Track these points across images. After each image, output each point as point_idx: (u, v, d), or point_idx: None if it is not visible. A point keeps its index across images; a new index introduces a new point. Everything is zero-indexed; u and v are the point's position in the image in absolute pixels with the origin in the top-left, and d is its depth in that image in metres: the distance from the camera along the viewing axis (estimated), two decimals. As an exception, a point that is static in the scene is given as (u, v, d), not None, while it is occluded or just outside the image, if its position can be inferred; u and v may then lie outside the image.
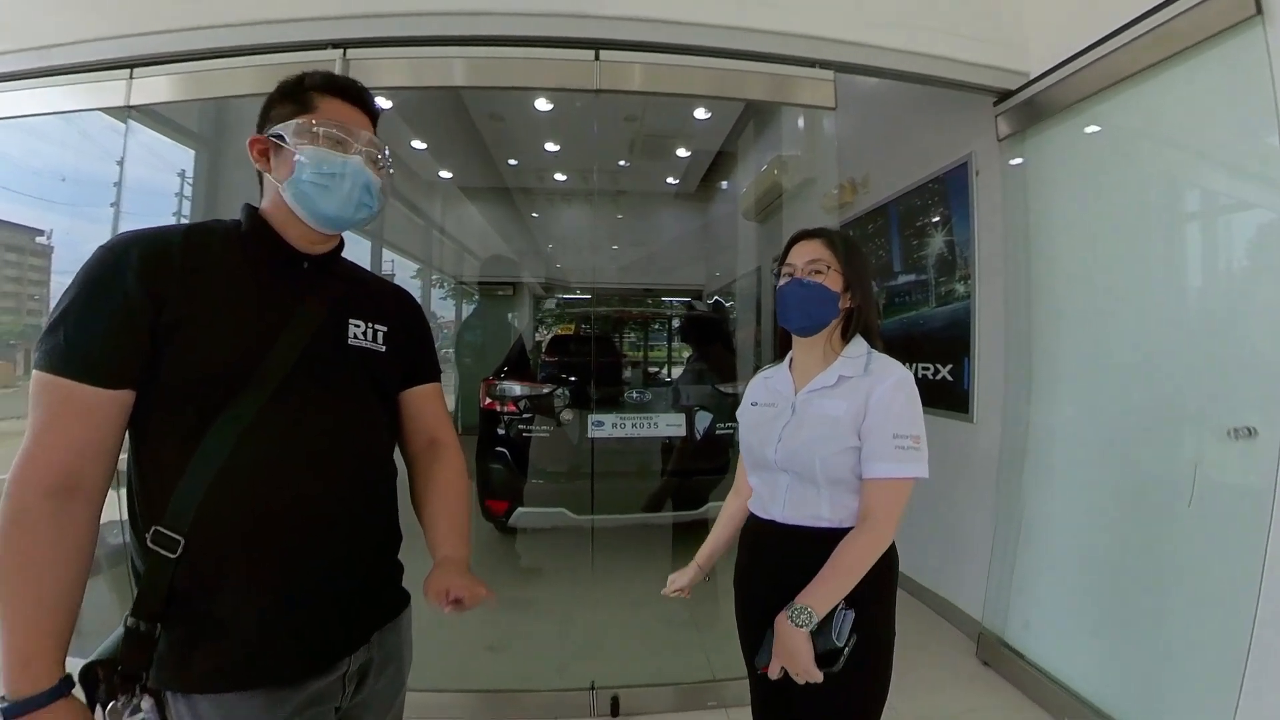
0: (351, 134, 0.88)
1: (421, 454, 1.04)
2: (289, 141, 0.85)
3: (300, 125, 0.86)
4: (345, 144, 0.88)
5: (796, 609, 1.01)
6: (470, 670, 2.25)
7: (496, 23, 2.06)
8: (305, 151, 0.85)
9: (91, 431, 0.74)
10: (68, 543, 0.72)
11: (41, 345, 0.73)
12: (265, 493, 0.78)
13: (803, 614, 1.00)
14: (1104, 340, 2.04)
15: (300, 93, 0.89)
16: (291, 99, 0.89)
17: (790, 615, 1.01)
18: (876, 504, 1.05)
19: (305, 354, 0.83)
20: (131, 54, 2.14)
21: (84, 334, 0.73)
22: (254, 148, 0.88)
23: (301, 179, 0.85)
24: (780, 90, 2.22)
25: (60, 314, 0.74)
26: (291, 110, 0.88)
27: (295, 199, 0.86)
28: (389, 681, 0.95)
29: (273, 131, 0.86)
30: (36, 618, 0.70)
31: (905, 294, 3.15)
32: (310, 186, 0.85)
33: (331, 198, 0.87)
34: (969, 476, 2.64)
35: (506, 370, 3.26)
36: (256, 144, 0.88)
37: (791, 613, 1.01)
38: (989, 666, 2.34)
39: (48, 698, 0.69)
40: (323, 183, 0.86)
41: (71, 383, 0.72)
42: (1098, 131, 2.06)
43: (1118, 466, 1.95)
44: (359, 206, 0.90)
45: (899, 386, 1.08)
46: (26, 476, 0.71)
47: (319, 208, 0.87)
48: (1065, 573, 2.12)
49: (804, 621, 0.99)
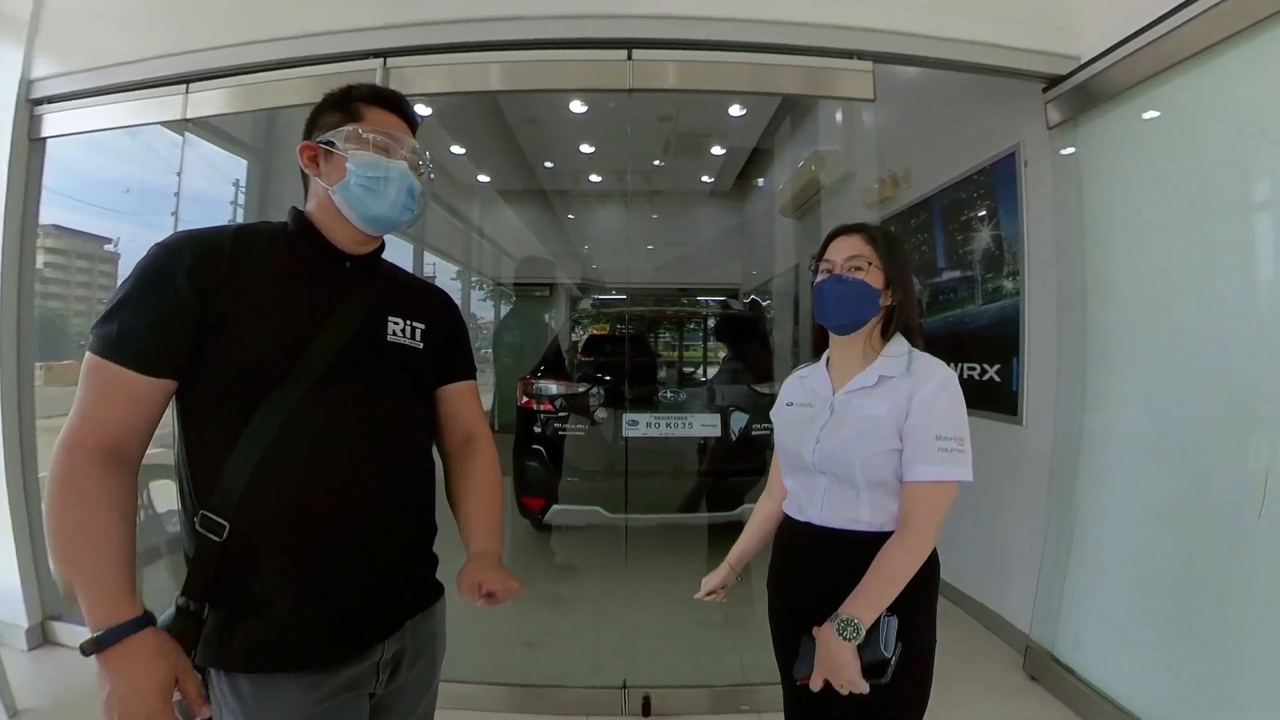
0: (396, 140, 0.93)
1: (457, 450, 1.06)
2: (339, 147, 0.90)
3: (350, 132, 0.91)
4: (390, 150, 0.92)
5: (842, 621, 0.97)
6: (506, 664, 2.29)
7: (529, 27, 2.09)
8: (356, 157, 0.89)
9: (136, 413, 0.79)
10: (117, 500, 0.76)
11: (96, 330, 0.78)
12: (303, 483, 0.81)
13: (849, 627, 0.97)
14: (1165, 338, 1.91)
15: (348, 103, 0.94)
16: (339, 108, 0.94)
17: (836, 628, 0.97)
18: (917, 508, 1.02)
19: (344, 350, 0.86)
20: (187, 70, 2.27)
21: (136, 324, 0.78)
22: (304, 153, 0.93)
23: (351, 183, 0.89)
24: (816, 83, 2.17)
25: (116, 304, 0.79)
26: (339, 119, 0.93)
27: (345, 201, 0.90)
28: (422, 671, 0.97)
29: (323, 138, 0.91)
30: (105, 559, 0.74)
31: (950, 291, 3.03)
32: (360, 190, 0.90)
33: (379, 200, 0.91)
34: (1017, 481, 2.52)
35: (543, 369, 3.29)
36: (307, 150, 0.92)
37: (837, 625, 0.97)
38: (1036, 681, 2.24)
39: (134, 625, 0.73)
40: (371, 186, 0.90)
41: (120, 368, 0.77)
42: (1157, 116, 1.93)
43: (1180, 473, 1.82)
44: (403, 209, 0.93)
45: (943, 386, 1.05)
46: (78, 440, 0.76)
47: (368, 209, 0.91)
48: (1120, 585, 2.00)
49: (852, 635, 0.96)
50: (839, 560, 1.07)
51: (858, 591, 0.99)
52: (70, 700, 2.12)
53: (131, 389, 0.77)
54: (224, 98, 2.28)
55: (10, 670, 2.07)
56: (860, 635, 0.96)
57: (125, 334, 0.77)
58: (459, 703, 2.08)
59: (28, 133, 2.44)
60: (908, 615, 1.00)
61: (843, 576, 1.03)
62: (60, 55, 2.40)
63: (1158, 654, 1.84)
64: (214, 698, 0.81)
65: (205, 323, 0.79)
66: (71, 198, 2.85)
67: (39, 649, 2.46)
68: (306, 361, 0.83)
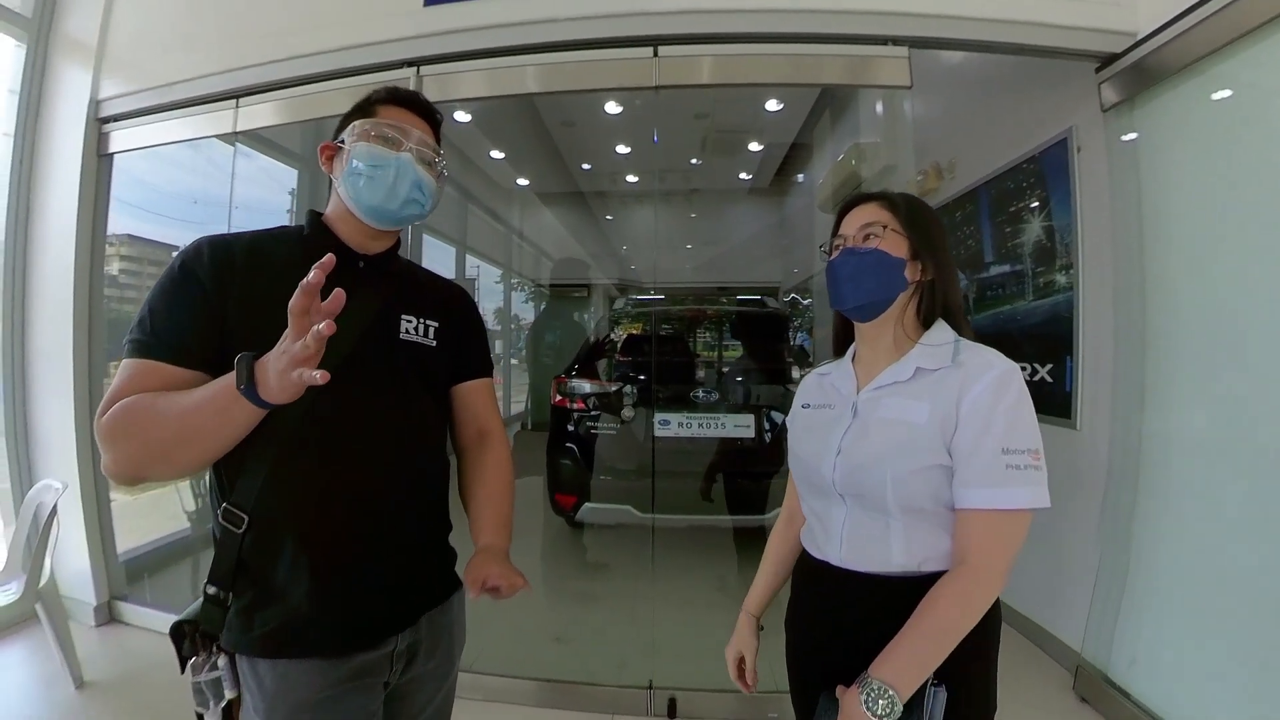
0: (403, 132, 0.93)
1: (470, 446, 1.07)
2: (348, 142, 0.93)
3: (355, 126, 0.93)
4: (396, 142, 0.93)
5: (874, 689, 0.75)
6: (536, 658, 2.31)
7: (554, 29, 2.10)
8: (357, 148, 0.92)
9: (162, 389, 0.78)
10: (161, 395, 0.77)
11: (130, 336, 0.81)
12: (317, 479, 0.84)
13: (883, 699, 0.75)
14: (1233, 337, 1.74)
15: (366, 106, 0.97)
16: (359, 111, 0.96)
17: (865, 699, 0.75)
18: (978, 544, 0.79)
19: (357, 348, 0.88)
20: (236, 85, 2.40)
21: (167, 324, 0.80)
22: (323, 154, 0.96)
23: (350, 172, 0.91)
24: (849, 72, 2.09)
25: (148, 311, 0.81)
26: (355, 118, 0.96)
27: (347, 192, 0.92)
28: (439, 663, 0.99)
29: (338, 138, 0.95)
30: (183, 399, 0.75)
31: (999, 286, 2.88)
32: (357, 178, 0.91)
33: (376, 189, 0.91)
34: (1071, 490, 2.36)
35: (577, 368, 3.32)
36: (325, 150, 0.96)
37: (866, 696, 0.75)
38: (1087, 703, 2.09)
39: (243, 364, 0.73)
40: (369, 174, 0.91)
41: (157, 363, 0.79)
42: (1224, 94, 1.77)
43: (1253, 484, 1.66)
44: (406, 202, 0.93)
45: (1004, 383, 0.81)
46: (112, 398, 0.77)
47: (364, 198, 0.92)
48: (1183, 603, 1.85)
49: (885, 712, 0.74)
50: (870, 612, 0.85)
51: (893, 648, 0.77)
52: (133, 674, 2.26)
53: (164, 374, 0.79)
54: (270, 111, 2.40)
55: (79, 644, 2.24)
56: (896, 710, 0.74)
57: (158, 334, 0.80)
58: (490, 695, 2.12)
59: (96, 149, 2.64)
60: (960, 674, 0.78)
61: (873, 624, 0.83)
62: (124, 76, 2.59)
63: (1223, 680, 1.68)
64: (241, 680, 0.85)
65: (226, 320, 0.82)
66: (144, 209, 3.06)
67: (105, 626, 2.65)
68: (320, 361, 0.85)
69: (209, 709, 0.85)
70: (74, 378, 2.56)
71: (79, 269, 2.57)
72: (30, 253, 2.66)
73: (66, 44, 2.67)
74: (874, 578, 0.87)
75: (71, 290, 2.55)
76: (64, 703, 2.09)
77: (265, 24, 2.37)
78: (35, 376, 2.66)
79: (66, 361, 2.56)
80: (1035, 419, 0.82)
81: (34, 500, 2.25)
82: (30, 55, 2.66)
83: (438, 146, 0.99)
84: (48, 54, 2.69)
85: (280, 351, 0.70)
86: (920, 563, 0.84)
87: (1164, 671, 1.89)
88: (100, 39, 2.60)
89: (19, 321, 2.66)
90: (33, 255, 2.66)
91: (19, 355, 2.66)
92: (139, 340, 0.80)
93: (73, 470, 2.56)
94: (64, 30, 2.68)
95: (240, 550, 0.83)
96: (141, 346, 0.79)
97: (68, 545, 2.58)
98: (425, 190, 0.95)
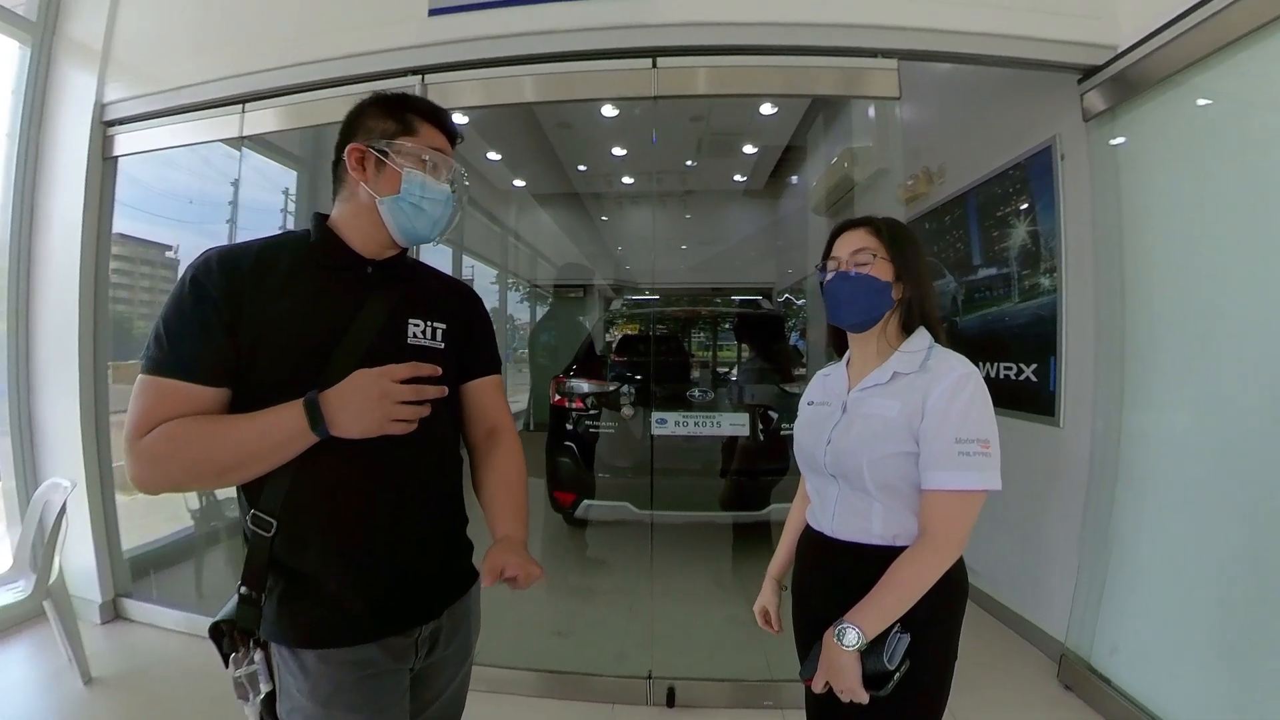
0: (447, 165, 0.97)
1: (482, 443, 1.09)
2: (394, 160, 0.92)
3: (411, 149, 0.93)
4: (439, 171, 0.96)
5: (843, 627, 0.94)
6: (538, 651, 2.37)
7: (557, 40, 2.16)
8: (411, 176, 0.92)
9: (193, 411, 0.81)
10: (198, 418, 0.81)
11: (147, 352, 0.82)
12: (338, 483, 0.88)
13: (849, 633, 0.93)
14: (1209, 337, 1.83)
15: (403, 112, 0.95)
16: (394, 117, 0.94)
17: (836, 634, 0.94)
18: (937, 519, 0.95)
19: (367, 355, 0.90)
20: (243, 91, 2.44)
21: (181, 341, 0.81)
22: (352, 156, 0.93)
23: (405, 200, 0.93)
24: (840, 84, 2.16)
25: (163, 325, 0.83)
26: (394, 128, 0.94)
27: (392, 214, 0.93)
28: (457, 648, 1.04)
29: (379, 145, 0.92)
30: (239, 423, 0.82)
31: (986, 289, 2.96)
32: (410, 207, 0.93)
33: (424, 219, 0.95)
34: (1055, 485, 2.45)
35: (575, 368, 3.38)
36: (356, 152, 0.93)
37: (838, 631, 0.94)
38: (1071, 691, 2.18)
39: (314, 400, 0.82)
40: (423, 206, 0.94)
41: (176, 381, 0.80)
42: (1202, 104, 1.85)
43: (1227, 478, 1.74)
44: (441, 228, 0.99)
45: (961, 383, 0.97)
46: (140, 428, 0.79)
47: (413, 227, 0.95)
48: (1163, 593, 1.93)
49: (851, 642, 0.92)
50: (853, 575, 1.02)
51: (866, 600, 0.95)
52: (138, 670, 2.30)
53: (185, 395, 0.81)
54: (276, 116, 2.45)
55: (85, 641, 2.27)
56: (860, 642, 0.92)
57: (175, 352, 0.81)
58: (494, 686, 2.18)
59: (101, 152, 2.66)
60: (924, 631, 0.95)
61: (858, 589, 0.98)
62: (129, 80, 2.61)
63: (1202, 667, 1.76)
64: (277, 669, 0.90)
65: (239, 334, 0.83)
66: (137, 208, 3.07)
67: (111, 623, 2.69)
68: (332, 370, 0.86)
69: (249, 700, 0.91)
70: (79, 378, 2.59)
71: (84, 271, 2.59)
72: (35, 255, 2.68)
73: (71, 47, 2.69)
74: (857, 546, 1.05)
75: (77, 293, 2.58)
76: (72, 699, 2.12)
77: (272, 30, 2.41)
78: (40, 376, 2.69)
79: (72, 362, 2.59)
80: (990, 415, 0.98)
81: (42, 498, 2.28)
82: (35, 58, 2.68)
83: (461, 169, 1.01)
84: (52, 57, 2.71)
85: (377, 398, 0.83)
86: (894, 537, 1.02)
87: (1144, 659, 1.97)
88: (105, 42, 2.63)
89: (24, 322, 2.68)
90: (37, 257, 2.68)
91: (24, 356, 2.69)
92: (156, 358, 0.81)
93: (78, 469, 2.59)
94: (68, 33, 2.70)
95: (271, 551, 0.87)
96: (159, 365, 0.81)
97: (73, 543, 2.60)
98: (455, 215, 1.00)
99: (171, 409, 0.80)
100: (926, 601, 0.94)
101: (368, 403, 0.82)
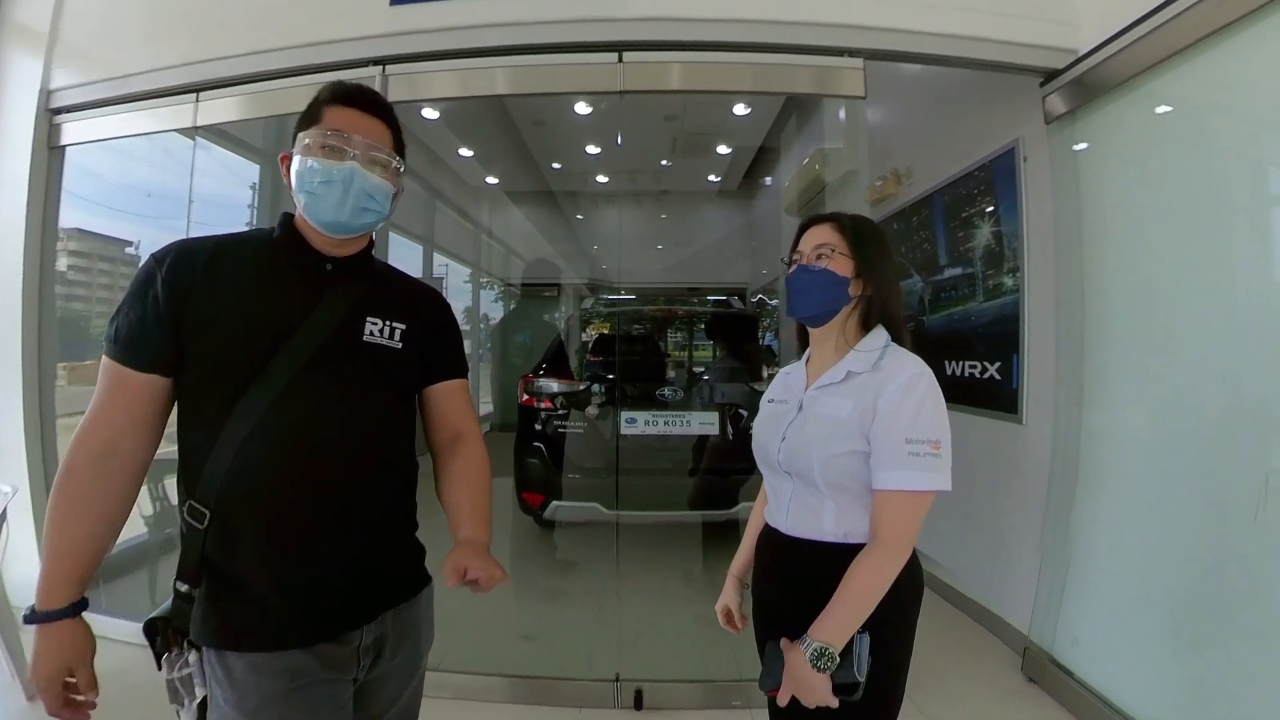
0: (345, 140, 0.90)
1: (445, 448, 1.07)
2: (295, 155, 0.93)
3: (311, 137, 0.91)
4: (340, 151, 0.90)
5: (815, 649, 0.91)
6: (504, 655, 2.33)
7: (521, 32, 2.13)
8: (298, 164, 0.92)
9: (131, 409, 0.86)
10: (103, 498, 0.86)
11: (106, 334, 0.88)
12: (276, 476, 0.85)
13: (823, 657, 0.91)
14: (1166, 338, 1.87)
15: (314, 107, 0.94)
16: (308, 115, 0.94)
17: (808, 656, 0.91)
18: (886, 519, 0.95)
19: (320, 349, 0.89)
20: (197, 79, 2.36)
21: (125, 324, 0.86)
22: (282, 164, 0.96)
23: (297, 189, 0.92)
24: (807, 82, 2.17)
25: (118, 309, 0.88)
26: (303, 125, 0.94)
27: (301, 207, 0.94)
28: (406, 658, 1.00)
29: (293, 148, 0.94)
30: (70, 552, 0.84)
31: (952, 289, 3.00)
32: (306, 195, 0.92)
33: (325, 204, 0.91)
34: (1018, 481, 2.49)
35: (544, 368, 3.34)
36: (284, 161, 0.95)
37: (810, 653, 0.91)
38: (1034, 683, 2.21)
39: (59, 614, 0.83)
40: (315, 190, 0.91)
41: (120, 365, 0.86)
42: (1158, 107, 1.89)
43: (1181, 474, 1.78)
44: (358, 211, 0.93)
45: (912, 384, 0.96)
46: (82, 439, 0.85)
47: (316, 214, 0.93)
48: (1121, 586, 1.97)
49: (825, 666, 0.91)
50: (808, 572, 1.02)
51: (826, 613, 0.94)
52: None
53: (128, 384, 0.86)
54: (232, 106, 2.37)
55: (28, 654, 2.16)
56: (834, 664, 0.91)
57: (121, 334, 0.86)
58: (458, 692, 2.13)
59: (47, 141, 2.55)
60: (879, 629, 0.95)
61: (813, 585, 0.98)
62: (77, 66, 2.51)
63: (1158, 657, 1.81)
64: (206, 674, 0.86)
65: (184, 325, 0.85)
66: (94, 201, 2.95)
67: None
68: (281, 361, 0.86)
69: (184, 705, 0.87)
70: (23, 380, 2.48)
71: (28, 267, 2.48)
72: (-26, 249, 2.56)
73: (15, 31, 2.58)
74: (810, 543, 1.04)
75: (20, 289, 2.47)
76: (15, 714, 2.02)
77: (227, 17, 2.33)
78: (-19, 377, 2.56)
79: (15, 363, 2.48)
80: (942, 415, 0.97)
81: (-20, 505, 2.17)
82: (-25, 43, 2.56)
83: (393, 142, 0.98)
84: (-6, 41, 2.59)
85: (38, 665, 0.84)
86: (846, 534, 1.01)
87: (1104, 650, 2.01)
88: (52, 26, 2.52)
89: (-37, 321, 2.55)
90: (-23, 252, 2.56)
91: (-37, 356, 2.56)
92: (110, 340, 0.87)
93: (22, 474, 2.47)
94: (13, 16, 2.59)
95: (204, 545, 0.84)
96: (111, 344, 0.86)
97: (14, 551, 2.48)
98: (378, 196, 0.94)
99: (115, 405, 0.86)
100: (881, 601, 0.94)
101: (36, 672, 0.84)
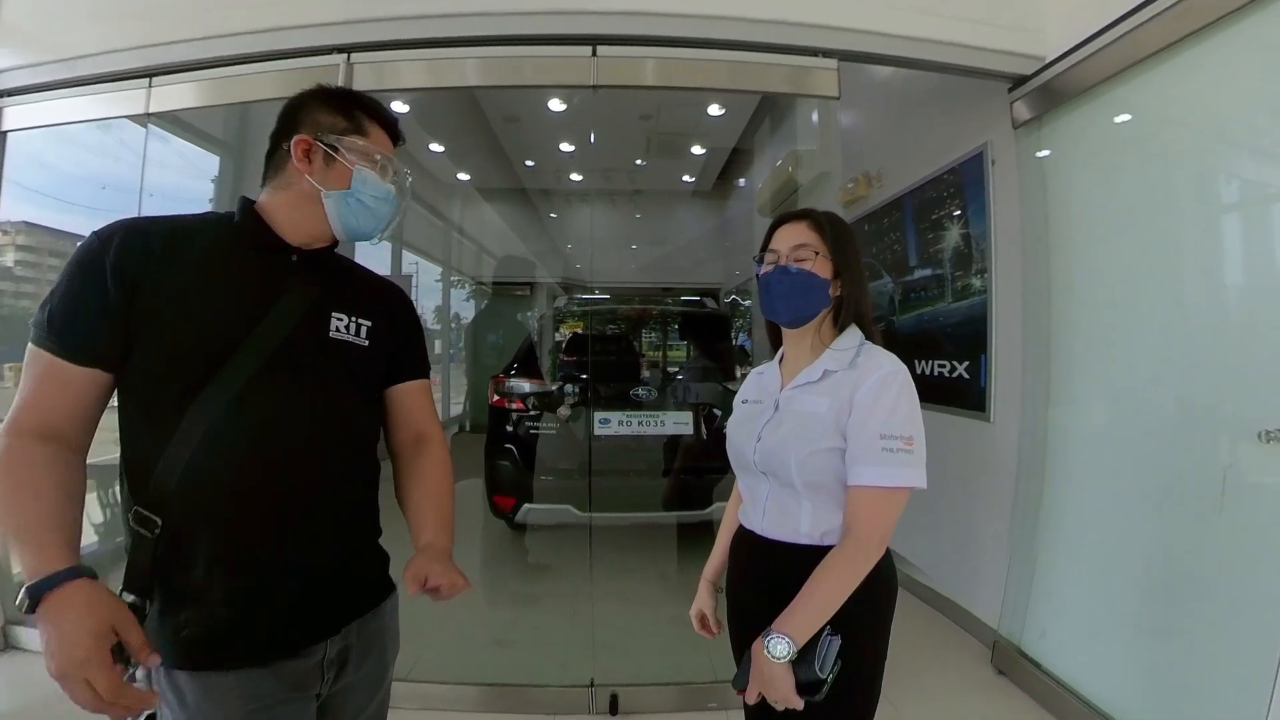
0: (393, 164, 0.97)
1: (407, 449, 1.04)
2: (345, 156, 0.91)
3: (360, 146, 0.92)
4: (385, 171, 0.96)
5: (773, 638, 0.90)
6: (477, 663, 2.27)
7: (492, 23, 2.07)
8: (363, 174, 0.92)
9: (70, 400, 0.78)
10: (55, 470, 0.76)
11: (35, 318, 0.78)
12: (236, 480, 0.80)
13: (780, 644, 0.89)
14: (1129, 338, 1.93)
15: (351, 110, 0.94)
16: (344, 114, 0.93)
17: (766, 646, 0.90)
18: (860, 516, 0.94)
19: (283, 344, 0.84)
20: (150, 63, 2.23)
21: (65, 315, 0.78)
22: (299, 146, 0.90)
23: (353, 198, 0.92)
24: (781, 82, 2.17)
25: (50, 294, 0.79)
26: (344, 125, 0.93)
27: (337, 210, 0.92)
28: (371, 669, 0.96)
29: (329, 139, 0.90)
30: (38, 519, 0.73)
31: (921, 289, 3.05)
32: (359, 205, 0.93)
33: (371, 219, 0.95)
34: (987, 478, 2.54)
35: (516, 368, 3.28)
36: (304, 144, 0.90)
37: (768, 642, 0.90)
38: (1004, 675, 2.25)
39: (66, 575, 0.69)
40: (372, 205, 0.94)
41: (54, 357, 0.77)
42: (1119, 115, 1.95)
43: (1142, 469, 1.84)
44: (383, 228, 0.98)
45: (888, 380, 0.96)
46: (15, 425, 0.76)
47: (358, 225, 0.94)
48: (1085, 580, 2.02)
49: (781, 654, 0.89)
50: (784, 574, 0.99)
51: (792, 607, 0.92)
52: (34, 704, 2.07)
53: (65, 378, 0.77)
54: (187, 92, 2.25)
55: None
56: (791, 653, 0.89)
57: (55, 323, 0.77)
58: (428, 703, 2.07)
59: (-14, 126, 2.40)
60: (853, 631, 0.93)
61: (788, 588, 0.96)
62: (21, 47, 2.35)
63: (1123, 648, 1.85)
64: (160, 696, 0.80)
65: (134, 315, 0.78)
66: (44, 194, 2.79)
67: (1, 654, 2.41)
68: (242, 357, 0.81)
69: None
70: (-44, 378, 2.32)
71: (-38, 259, 2.33)
72: (-99, 239, 2.39)
73: (-52, 9, 2.41)
74: (786, 545, 1.03)
75: (-47, 282, 2.31)
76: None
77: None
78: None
79: (-52, 361, 2.32)
80: (916, 412, 0.97)
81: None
82: (-98, 19, 2.39)
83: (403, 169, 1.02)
84: (-76, 19, 2.42)
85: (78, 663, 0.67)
86: (822, 535, 1.00)
87: (1071, 642, 2.05)
88: (-8, 5, 2.37)
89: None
90: (-96, 242, 2.39)
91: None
92: (41, 326, 0.78)
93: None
94: (-55, -6, 2.42)
95: (154, 555, 0.78)
96: (40, 331, 0.78)
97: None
98: (397, 217, 1.00)
99: (48, 396, 0.77)
100: (854, 601, 0.93)
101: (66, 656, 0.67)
